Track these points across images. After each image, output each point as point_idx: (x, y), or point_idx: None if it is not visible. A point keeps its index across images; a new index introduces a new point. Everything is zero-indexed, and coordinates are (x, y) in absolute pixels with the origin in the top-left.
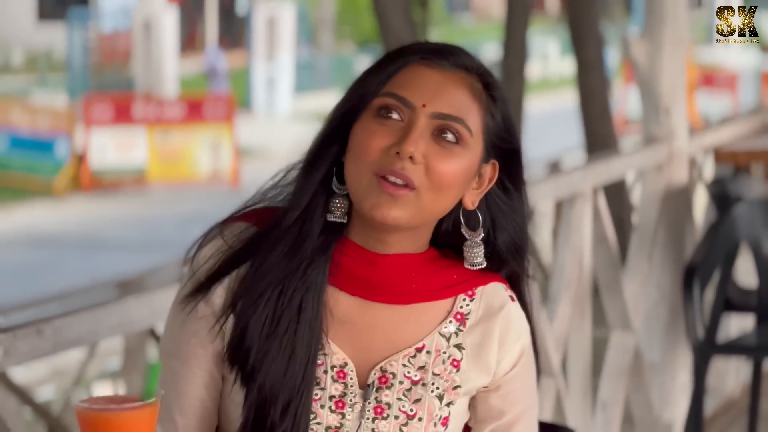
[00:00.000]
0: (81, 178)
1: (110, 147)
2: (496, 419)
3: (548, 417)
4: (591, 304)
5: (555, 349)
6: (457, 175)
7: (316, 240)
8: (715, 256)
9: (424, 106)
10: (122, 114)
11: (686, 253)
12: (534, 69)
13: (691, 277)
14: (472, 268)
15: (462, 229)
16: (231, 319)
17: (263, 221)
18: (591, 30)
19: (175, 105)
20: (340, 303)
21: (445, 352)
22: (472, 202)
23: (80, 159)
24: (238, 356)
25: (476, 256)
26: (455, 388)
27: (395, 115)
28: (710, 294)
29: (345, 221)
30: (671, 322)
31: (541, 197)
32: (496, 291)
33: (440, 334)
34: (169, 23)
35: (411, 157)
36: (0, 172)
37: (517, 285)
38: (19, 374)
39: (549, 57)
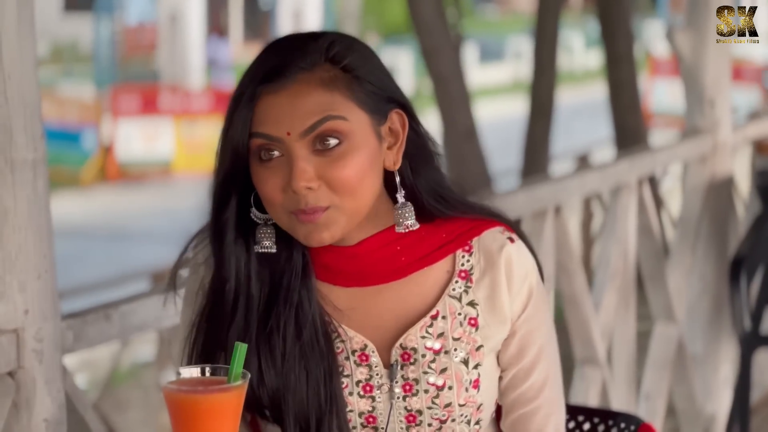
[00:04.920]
0: (108, 169)
1: (137, 138)
2: (516, 364)
3: (594, 405)
4: (636, 295)
5: (601, 339)
6: (359, 169)
7: (270, 271)
8: (762, 248)
9: (288, 134)
10: (149, 105)
11: (729, 245)
12: (559, 62)
13: (738, 268)
14: (405, 230)
15: (391, 196)
16: None
17: None
18: (621, 22)
19: (201, 96)
20: (340, 296)
21: (460, 313)
22: (393, 162)
23: (107, 150)
24: (256, 405)
25: (406, 217)
26: (478, 348)
27: (274, 152)
28: (754, 286)
29: (275, 250)
30: (714, 314)
31: (588, 188)
32: (493, 237)
33: (450, 296)
34: (194, 15)
35: (308, 188)
36: None
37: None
38: None
39: (574, 50)
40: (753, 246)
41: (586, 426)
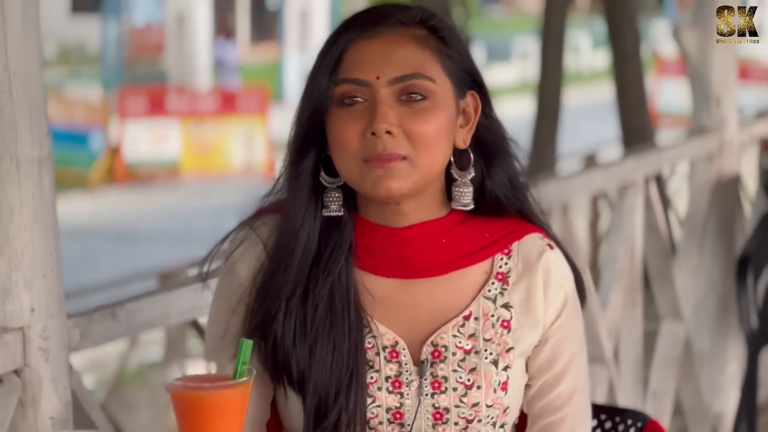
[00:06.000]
0: (115, 170)
1: (144, 139)
2: (546, 371)
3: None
4: (642, 293)
5: (607, 338)
6: (438, 127)
7: (318, 237)
8: None
9: (378, 78)
10: (156, 106)
11: (736, 243)
12: (566, 62)
13: (744, 266)
14: (461, 208)
15: (452, 170)
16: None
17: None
18: (628, 22)
19: (208, 97)
20: (378, 286)
21: (493, 315)
22: (463, 140)
23: (114, 151)
24: (281, 371)
25: (464, 196)
26: (508, 350)
27: (358, 98)
28: (761, 284)
29: (341, 214)
30: (721, 313)
31: (594, 187)
32: (533, 242)
33: (485, 297)
34: (201, 16)
35: (388, 132)
36: None
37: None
38: None
39: (580, 50)
40: (760, 244)
41: (593, 423)
